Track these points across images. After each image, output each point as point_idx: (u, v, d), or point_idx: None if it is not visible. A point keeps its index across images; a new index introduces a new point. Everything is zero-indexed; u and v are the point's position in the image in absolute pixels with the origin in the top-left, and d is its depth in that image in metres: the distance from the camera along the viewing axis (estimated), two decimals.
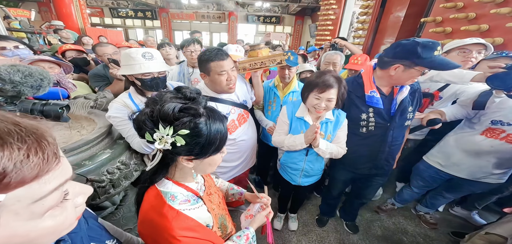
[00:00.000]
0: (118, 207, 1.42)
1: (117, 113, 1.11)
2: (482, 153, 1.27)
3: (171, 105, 0.49)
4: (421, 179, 1.67)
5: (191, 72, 2.00)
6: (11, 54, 1.57)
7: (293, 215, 1.85)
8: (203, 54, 1.17)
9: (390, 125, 1.18)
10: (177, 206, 0.58)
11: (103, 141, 1.14)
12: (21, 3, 7.72)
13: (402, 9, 3.11)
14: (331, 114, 1.18)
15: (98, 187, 1.05)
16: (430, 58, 0.96)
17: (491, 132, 1.22)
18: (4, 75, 0.53)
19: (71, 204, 0.30)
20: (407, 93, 1.14)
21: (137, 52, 1.09)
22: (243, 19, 11.71)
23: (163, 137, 0.50)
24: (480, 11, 2.04)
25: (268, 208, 0.82)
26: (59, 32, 4.01)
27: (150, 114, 0.50)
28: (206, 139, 0.53)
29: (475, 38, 1.39)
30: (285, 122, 1.26)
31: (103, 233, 0.53)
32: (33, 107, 0.59)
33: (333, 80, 1.04)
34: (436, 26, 2.48)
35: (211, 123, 0.54)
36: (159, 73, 1.14)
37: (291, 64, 1.47)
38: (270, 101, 1.68)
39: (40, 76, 0.59)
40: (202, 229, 0.61)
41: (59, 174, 0.27)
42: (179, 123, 0.50)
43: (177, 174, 0.62)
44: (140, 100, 1.19)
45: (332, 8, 5.08)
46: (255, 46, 1.38)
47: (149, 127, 0.50)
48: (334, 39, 2.51)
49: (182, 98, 0.53)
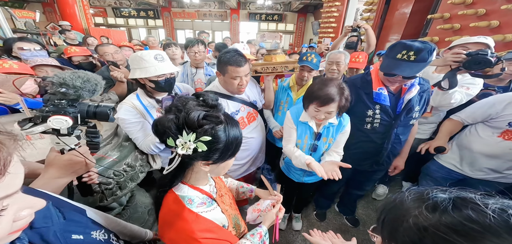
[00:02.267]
0: (125, 208, 1.44)
1: (126, 115, 1.12)
2: (500, 154, 1.24)
3: (196, 113, 0.51)
4: (431, 180, 1.63)
5: (194, 72, 2.00)
6: (29, 55, 1.60)
7: (297, 214, 1.85)
8: (223, 55, 1.18)
9: (395, 123, 1.19)
10: (195, 209, 0.60)
11: (109, 144, 1.15)
12: (26, 4, 7.82)
13: (408, 5, 3.04)
14: (335, 119, 1.16)
15: (105, 189, 1.07)
16: (385, 58, 1.05)
17: (510, 134, 1.19)
18: (69, 81, 0.60)
19: (7, 219, 0.30)
20: (416, 93, 1.12)
21: (150, 55, 1.10)
22: (245, 17, 11.66)
23: (185, 143, 0.52)
24: (490, 7, 1.98)
25: (278, 205, 0.85)
26: (66, 33, 4.05)
27: (175, 121, 0.52)
28: (225, 145, 0.56)
29: (478, 37, 1.33)
30: (292, 127, 1.25)
31: (90, 225, 0.54)
32: (88, 109, 0.66)
33: (334, 93, 0.99)
34: (444, 22, 2.42)
35: (229, 129, 0.56)
36: (171, 74, 1.17)
37: (313, 67, 1.45)
38: (282, 102, 1.65)
39: (95, 82, 0.66)
40: (220, 230, 0.64)
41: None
42: (202, 130, 0.52)
43: (193, 178, 0.65)
44: (148, 102, 1.20)
45: (335, 5, 5.00)
46: (271, 51, 1.38)
47: (173, 132, 0.52)
48: (356, 23, 2.40)
49: (205, 106, 0.56)
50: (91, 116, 0.67)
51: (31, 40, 1.64)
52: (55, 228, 0.43)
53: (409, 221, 0.36)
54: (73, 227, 0.48)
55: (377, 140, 1.27)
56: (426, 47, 0.94)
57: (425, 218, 0.35)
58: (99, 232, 0.54)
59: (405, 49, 0.97)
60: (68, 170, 0.64)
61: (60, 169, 0.62)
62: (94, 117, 0.67)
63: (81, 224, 0.51)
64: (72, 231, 0.47)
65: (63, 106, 0.61)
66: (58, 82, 0.60)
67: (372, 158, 1.35)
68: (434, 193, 0.37)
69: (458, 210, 0.33)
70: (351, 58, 1.90)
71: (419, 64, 0.96)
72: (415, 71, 0.97)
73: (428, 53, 0.94)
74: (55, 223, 0.43)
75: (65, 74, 0.61)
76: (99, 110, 0.67)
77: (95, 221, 0.58)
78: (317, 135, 1.20)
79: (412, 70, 0.97)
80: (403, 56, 0.98)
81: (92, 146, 0.74)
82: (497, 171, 1.30)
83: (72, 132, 0.64)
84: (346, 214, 1.92)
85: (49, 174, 0.61)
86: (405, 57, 0.97)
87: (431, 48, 0.95)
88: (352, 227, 1.86)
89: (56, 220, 0.44)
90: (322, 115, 1.06)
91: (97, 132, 0.74)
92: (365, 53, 1.95)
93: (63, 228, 0.45)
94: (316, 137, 1.21)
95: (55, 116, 0.58)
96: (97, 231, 0.54)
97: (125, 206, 1.44)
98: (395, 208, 0.41)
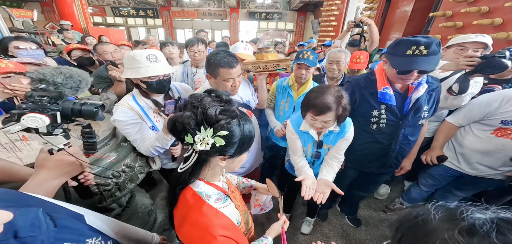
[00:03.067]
0: (125, 208, 1.42)
1: (122, 117, 1.08)
2: (492, 151, 1.26)
3: (213, 109, 0.53)
4: (430, 177, 1.65)
5: (194, 72, 1.97)
6: (26, 54, 1.58)
7: (310, 219, 1.81)
8: (213, 57, 1.13)
9: (402, 123, 1.16)
10: (214, 205, 0.62)
11: (107, 144, 1.13)
12: (24, 4, 7.76)
13: (410, 3, 3.01)
14: (336, 126, 1.12)
15: (104, 190, 1.05)
16: (393, 57, 1.03)
17: (502, 131, 1.20)
18: (49, 77, 0.58)
19: None
20: (424, 92, 1.09)
21: (142, 55, 1.05)
22: (244, 16, 11.61)
23: (204, 138, 0.53)
24: (493, 4, 1.96)
25: (283, 217, 0.87)
26: (65, 32, 4.01)
27: (193, 117, 0.53)
28: (240, 138, 0.57)
29: (476, 36, 1.32)
30: (295, 137, 1.21)
31: (85, 232, 0.52)
32: (73, 106, 0.62)
33: (330, 102, 0.95)
34: (446, 20, 2.40)
35: (243, 123, 0.58)
36: (164, 76, 1.12)
37: (309, 64, 1.41)
38: (283, 101, 1.61)
39: (79, 78, 0.63)
40: (235, 229, 0.64)
41: None
42: (218, 125, 0.53)
43: (209, 174, 0.65)
44: (145, 103, 1.16)
45: (335, 3, 4.97)
46: (263, 49, 1.35)
47: (193, 128, 0.53)
48: (359, 19, 2.35)
49: (219, 101, 0.57)
50: (76, 114, 0.63)
51: (27, 39, 1.62)
52: (43, 237, 0.40)
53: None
54: (66, 234, 0.46)
55: (384, 141, 1.23)
56: (433, 41, 0.93)
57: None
58: (96, 240, 0.52)
59: (414, 45, 0.95)
60: (59, 170, 0.61)
61: (51, 169, 0.60)
62: (79, 115, 0.63)
63: (75, 230, 0.49)
64: (64, 239, 0.44)
65: (42, 103, 0.57)
66: (38, 78, 0.57)
67: (379, 160, 1.31)
68: (469, 213, 0.30)
69: (503, 235, 0.27)
70: (351, 58, 1.86)
71: (433, 57, 0.94)
72: (433, 64, 0.95)
73: (437, 45, 0.93)
74: (43, 232, 0.41)
75: (45, 70, 0.58)
76: (84, 108, 0.63)
77: (94, 228, 0.55)
78: (319, 143, 1.18)
79: (429, 65, 0.95)
80: (415, 52, 0.95)
81: (89, 147, 0.71)
82: (492, 168, 1.31)
83: (53, 131, 0.61)
84: (348, 214, 1.91)
85: (40, 175, 0.58)
86: (417, 52, 0.95)
87: (437, 41, 0.94)
88: (354, 227, 1.85)
89: (45, 228, 0.41)
90: (319, 124, 1.04)
91: (93, 132, 0.72)
92: (366, 53, 1.92)
93: (53, 236, 0.42)
94: (318, 145, 1.19)
95: (29, 115, 0.55)
96: (94, 238, 0.52)
97: (124, 206, 1.43)
98: (417, 227, 0.34)
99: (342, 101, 0.98)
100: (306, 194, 1.04)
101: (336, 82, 1.74)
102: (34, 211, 0.42)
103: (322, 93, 0.98)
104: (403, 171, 1.48)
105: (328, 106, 0.95)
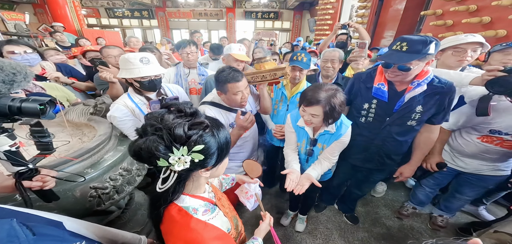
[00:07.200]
0: (124, 210, 1.42)
1: (117, 113, 1.21)
2: (478, 153, 1.34)
3: (180, 127, 0.49)
4: (430, 177, 1.67)
5: (187, 73, 1.99)
6: (20, 59, 1.55)
7: (303, 216, 1.84)
8: (220, 75, 1.19)
9: (388, 119, 1.18)
10: (202, 218, 0.60)
11: (104, 148, 1.14)
12: (16, 6, 7.61)
13: (402, 2, 3.07)
14: (333, 126, 1.14)
15: (102, 194, 1.06)
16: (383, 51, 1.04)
17: (487, 138, 1.27)
18: None
19: None
20: (421, 92, 1.07)
21: (136, 58, 1.19)
22: (241, 15, 11.58)
23: (180, 158, 0.50)
24: (482, 3, 2.01)
25: (267, 217, 0.89)
26: (53, 35, 3.88)
27: (161, 141, 0.48)
28: (219, 147, 0.56)
29: (470, 35, 1.30)
30: (291, 131, 1.26)
31: (67, 237, 0.52)
32: (11, 103, 0.54)
33: (319, 97, 0.99)
34: (437, 19, 2.45)
35: (217, 131, 0.56)
36: (155, 76, 1.26)
37: (303, 66, 1.45)
38: (277, 101, 1.66)
39: (12, 71, 0.54)
40: (226, 238, 0.63)
41: None
42: (192, 141, 0.50)
43: (193, 187, 0.63)
44: (139, 99, 1.31)
45: (330, 2, 5.02)
46: (261, 59, 1.38)
47: (163, 152, 0.48)
48: (346, 22, 2.48)
49: (184, 116, 0.53)
50: (16, 113, 0.56)
51: (20, 43, 1.57)
52: None
53: None
54: (46, 241, 0.45)
55: (368, 135, 1.28)
56: (421, 40, 0.93)
57: None
58: (80, 243, 0.52)
59: (400, 41, 0.99)
60: None
61: None
62: (19, 113, 0.56)
63: (56, 237, 0.49)
64: None
65: None
66: None
67: (362, 153, 1.35)
68: None
69: None
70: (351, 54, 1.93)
71: (410, 54, 0.95)
72: (404, 60, 0.97)
73: (422, 44, 0.92)
74: (22, 241, 0.40)
75: None
76: (25, 105, 0.55)
77: (75, 232, 0.55)
78: (313, 141, 1.21)
79: (400, 60, 0.98)
80: (397, 47, 1.00)
81: (42, 147, 0.65)
82: (484, 166, 1.38)
83: None
84: (345, 212, 1.93)
85: None
86: (398, 48, 0.99)
87: (427, 40, 0.92)
88: (351, 224, 1.88)
89: (24, 238, 0.41)
90: (307, 117, 1.07)
91: (44, 131, 0.64)
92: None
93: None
94: (312, 143, 1.22)
95: None
96: (78, 242, 0.52)
97: (123, 208, 1.43)
98: None
99: (332, 100, 0.99)
100: (289, 186, 1.11)
101: (330, 81, 1.78)
102: (7, 222, 0.41)
103: (317, 88, 1.04)
104: (402, 177, 1.45)
105: (317, 99, 0.99)
